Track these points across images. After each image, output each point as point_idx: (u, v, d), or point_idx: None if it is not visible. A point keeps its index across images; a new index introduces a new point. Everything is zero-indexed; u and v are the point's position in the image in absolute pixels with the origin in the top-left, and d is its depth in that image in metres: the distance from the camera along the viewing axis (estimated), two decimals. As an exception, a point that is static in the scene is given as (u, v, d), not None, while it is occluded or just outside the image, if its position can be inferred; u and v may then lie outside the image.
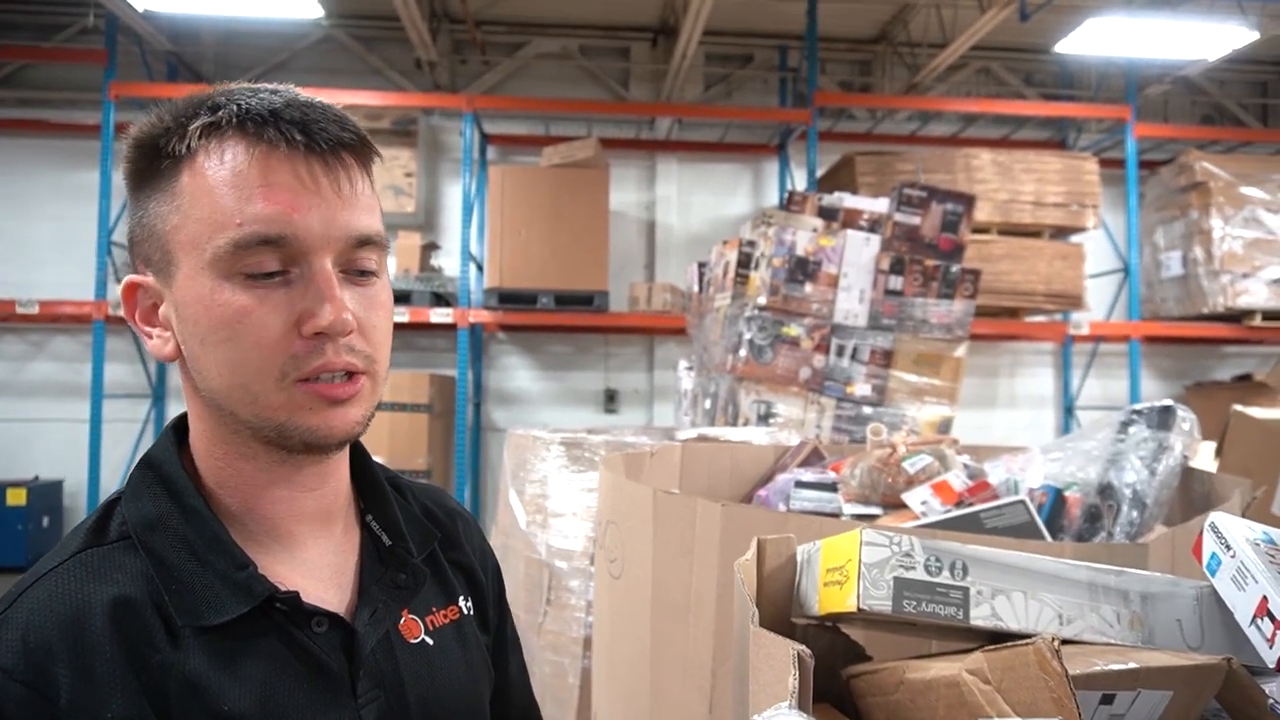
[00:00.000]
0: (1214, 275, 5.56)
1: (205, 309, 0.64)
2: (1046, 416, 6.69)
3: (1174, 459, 1.36)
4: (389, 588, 0.74)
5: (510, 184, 5.35)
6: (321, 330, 0.64)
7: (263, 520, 0.70)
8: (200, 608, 0.64)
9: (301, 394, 0.65)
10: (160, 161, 0.66)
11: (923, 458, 1.58)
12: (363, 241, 0.67)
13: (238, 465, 0.69)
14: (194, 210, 0.64)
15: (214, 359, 0.65)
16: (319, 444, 0.67)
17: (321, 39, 6.11)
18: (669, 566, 1.09)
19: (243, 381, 0.64)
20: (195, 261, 0.64)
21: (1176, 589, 0.66)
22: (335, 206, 0.66)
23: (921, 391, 3.12)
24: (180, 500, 0.67)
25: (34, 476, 5.82)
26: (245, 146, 0.64)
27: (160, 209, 0.66)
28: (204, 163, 0.65)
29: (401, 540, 0.77)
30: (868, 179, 5.30)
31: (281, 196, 0.64)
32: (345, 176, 0.67)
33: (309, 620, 0.67)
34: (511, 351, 6.38)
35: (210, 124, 0.65)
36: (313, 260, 0.65)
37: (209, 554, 0.65)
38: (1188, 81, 6.47)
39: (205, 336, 0.65)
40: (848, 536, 0.65)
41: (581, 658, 2.08)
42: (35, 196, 5.84)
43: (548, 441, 2.24)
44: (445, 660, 0.76)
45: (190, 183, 0.65)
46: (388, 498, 0.79)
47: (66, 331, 5.97)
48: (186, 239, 0.65)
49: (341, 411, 0.66)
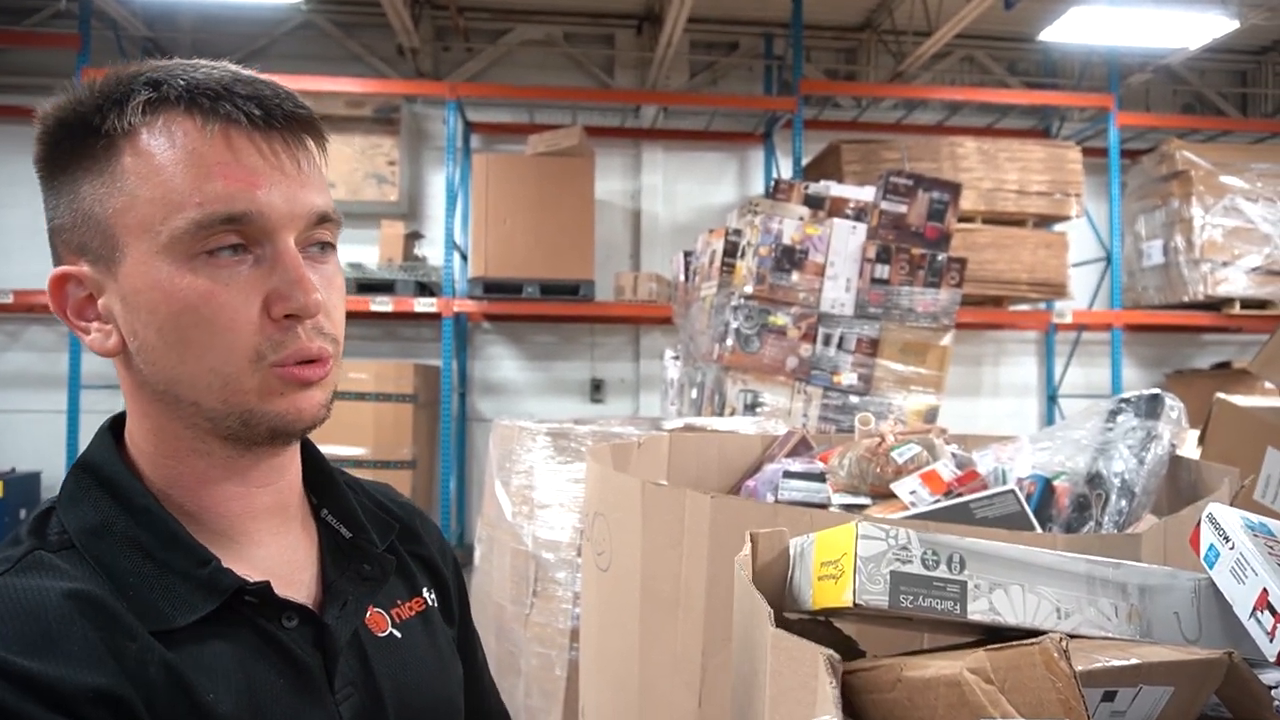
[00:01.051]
0: (1194, 264, 5.60)
1: (164, 295, 0.60)
2: (1030, 405, 6.73)
3: (1162, 448, 1.36)
4: (355, 580, 0.72)
5: (494, 172, 5.31)
6: (294, 313, 0.62)
7: (217, 519, 0.66)
8: (164, 610, 0.60)
9: (274, 377, 0.62)
10: (93, 140, 0.61)
11: (911, 447, 1.57)
12: (322, 217, 0.65)
13: (190, 462, 0.65)
14: (143, 190, 0.60)
15: (176, 346, 0.61)
16: (286, 430, 0.64)
17: (301, 24, 6.02)
18: (658, 559, 1.07)
19: (212, 366, 0.61)
20: (148, 245, 0.60)
21: (1175, 581, 0.65)
22: (296, 183, 0.63)
23: (908, 380, 3.12)
24: (127, 502, 0.63)
25: (10, 468, 5.73)
26: (197, 123, 0.60)
27: (97, 192, 0.61)
28: (149, 140, 0.60)
29: (363, 532, 0.74)
30: (853, 167, 5.30)
31: (242, 174, 0.60)
32: (304, 156, 0.64)
33: (279, 614, 0.65)
34: (497, 341, 6.34)
35: (153, 99, 0.61)
36: (276, 239, 0.62)
37: (166, 553, 0.62)
38: (1169, 71, 6.50)
39: (164, 324, 0.61)
40: (842, 530, 0.64)
41: (569, 649, 2.06)
42: (7, 184, 5.73)
43: (534, 432, 2.22)
44: (415, 652, 0.74)
45: (134, 162, 0.60)
46: (341, 490, 0.76)
47: (42, 321, 5.88)
48: (135, 222, 0.60)
49: (309, 395, 0.64)
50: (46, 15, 5.63)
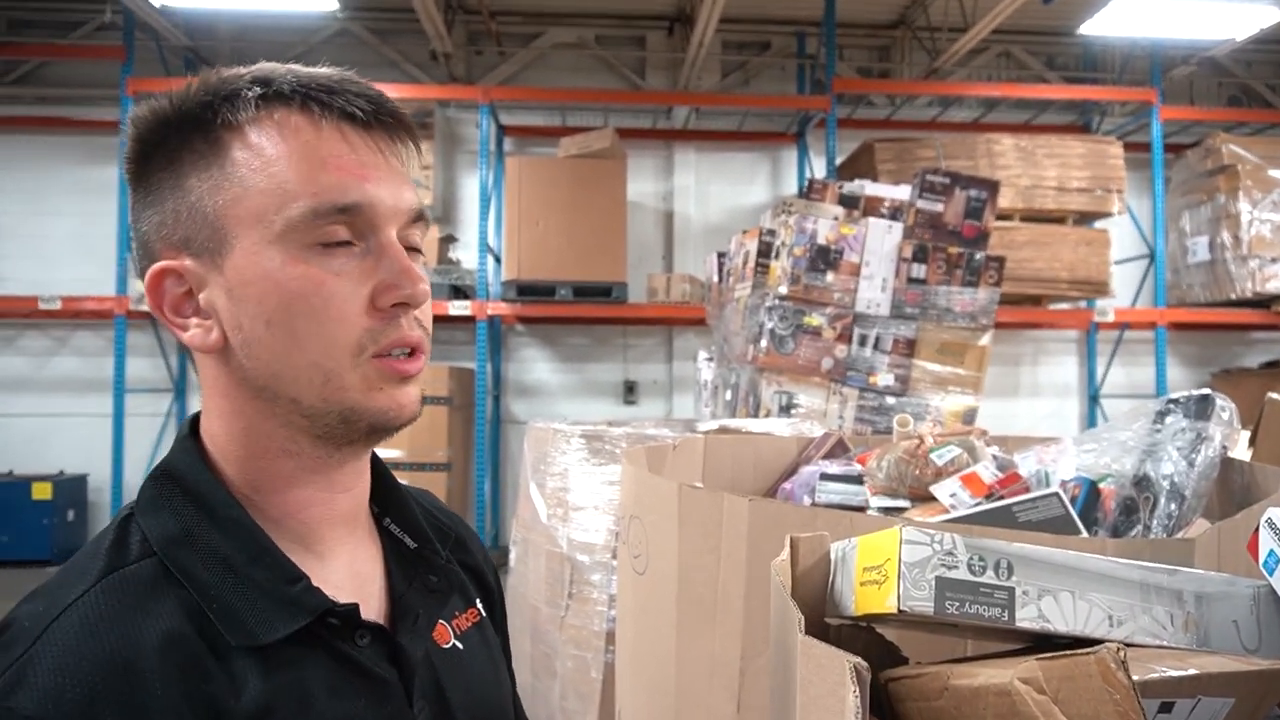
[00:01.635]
0: (1242, 260, 5.45)
1: (275, 284, 0.60)
2: (1070, 405, 6.60)
3: (1213, 449, 1.32)
4: (423, 593, 0.71)
5: (527, 175, 5.33)
6: (403, 300, 0.63)
7: (298, 525, 0.66)
8: (248, 626, 0.59)
9: (375, 371, 0.63)
10: (202, 135, 0.62)
11: (951, 449, 1.55)
12: (418, 215, 0.67)
13: (279, 464, 0.64)
14: (256, 181, 0.60)
15: (282, 338, 0.61)
16: (386, 425, 0.64)
17: (337, 32, 6.10)
18: (695, 563, 1.07)
19: (315, 359, 0.61)
20: (260, 235, 0.60)
21: (1233, 588, 0.63)
22: (399, 180, 0.65)
23: (945, 381, 3.08)
24: (212, 512, 0.62)
25: (59, 471, 5.88)
26: (310, 118, 0.62)
27: (204, 185, 0.61)
28: (261, 134, 0.61)
29: (428, 543, 0.74)
30: (888, 166, 5.24)
31: (355, 166, 0.62)
32: (404, 153, 0.66)
33: (353, 633, 0.63)
34: (530, 344, 6.37)
35: (266, 94, 0.62)
36: (381, 232, 0.63)
37: (252, 568, 0.61)
38: (1214, 63, 6.34)
39: (273, 315, 0.61)
40: (886, 534, 0.62)
41: (604, 652, 2.06)
42: (54, 193, 5.88)
43: (568, 434, 2.23)
44: (476, 663, 0.74)
45: (246, 155, 0.61)
46: (405, 500, 0.75)
47: (88, 327, 6.02)
48: (247, 212, 0.60)
49: (408, 390, 0.65)
50: (91, 28, 5.77)
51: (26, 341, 6.07)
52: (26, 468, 5.83)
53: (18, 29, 5.98)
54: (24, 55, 5.90)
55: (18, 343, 6.06)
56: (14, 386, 6.04)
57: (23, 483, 5.56)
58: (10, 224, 5.97)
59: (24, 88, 5.98)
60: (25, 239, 5.95)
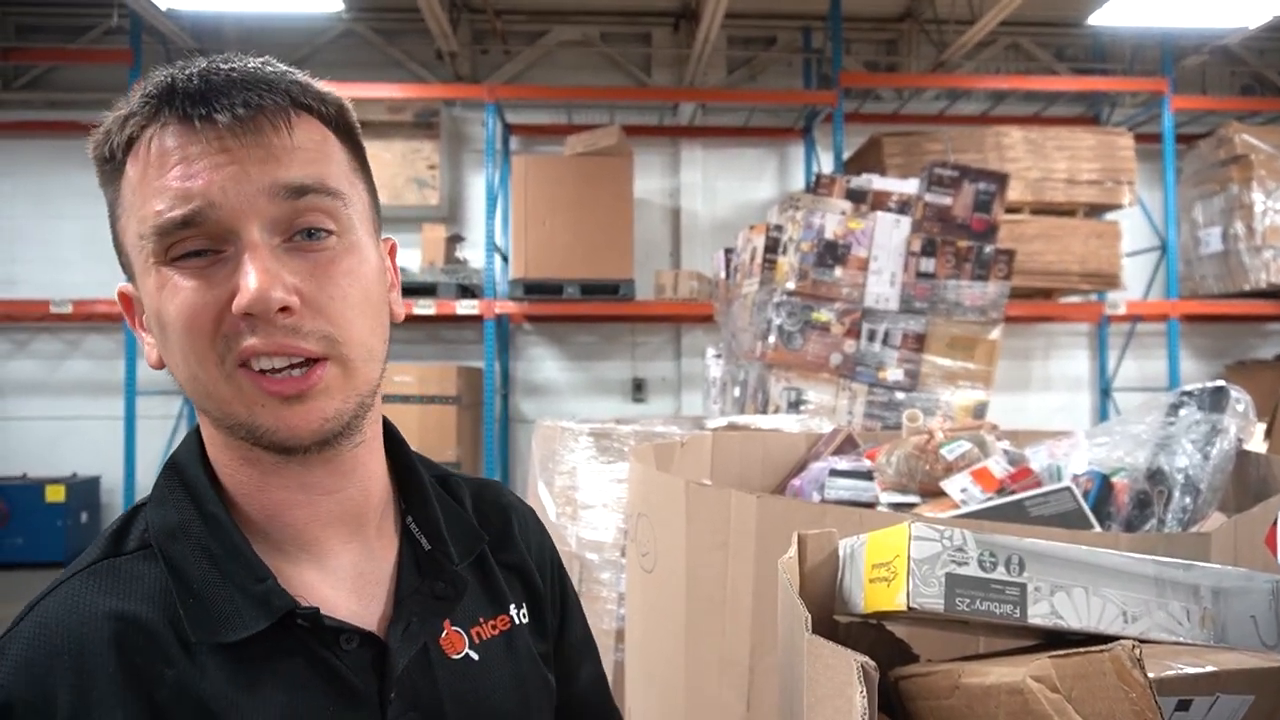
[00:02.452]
0: (1255, 251, 5.40)
1: (154, 304, 0.61)
2: (1082, 399, 6.56)
3: (1228, 442, 1.30)
4: (426, 598, 0.68)
5: (534, 174, 5.33)
6: (245, 310, 0.57)
7: (285, 527, 0.65)
8: (217, 623, 0.60)
9: (248, 385, 0.59)
10: (106, 167, 0.63)
11: (961, 444, 1.53)
12: (297, 191, 0.59)
13: (245, 470, 0.64)
14: (132, 209, 0.61)
15: (174, 355, 0.61)
16: (287, 445, 0.60)
17: (342, 33, 6.10)
18: (703, 560, 1.06)
19: (193, 372, 0.60)
20: (142, 260, 0.61)
21: (1251, 583, 0.62)
22: (247, 170, 0.59)
23: (955, 376, 3.06)
24: (201, 507, 0.63)
25: (72, 473, 5.91)
26: (154, 129, 0.60)
27: (114, 214, 0.64)
28: (131, 160, 0.61)
29: (441, 544, 0.70)
30: (896, 160, 5.21)
31: (189, 173, 0.58)
32: (255, 140, 0.59)
33: (336, 637, 0.62)
34: (538, 342, 6.37)
35: (132, 114, 0.61)
36: (239, 232, 0.59)
37: (229, 564, 0.61)
38: (1226, 51, 6.27)
39: (160, 331, 0.62)
40: (895, 530, 0.61)
41: (614, 650, 2.05)
42: (64, 197, 5.91)
43: (576, 432, 2.22)
44: (492, 677, 0.70)
45: (126, 184, 0.62)
46: (428, 497, 0.72)
47: (100, 330, 6.05)
48: (132, 240, 0.62)
49: (301, 409, 0.59)
50: (99, 33, 5.79)
51: (39, 345, 6.10)
52: (40, 470, 5.87)
53: (26, 34, 6.01)
54: (32, 60, 5.93)
55: (30, 346, 6.10)
56: (28, 390, 6.08)
57: (36, 485, 5.60)
58: (22, 228, 6.00)
59: (33, 92, 6.01)
60: (36, 243, 5.99)
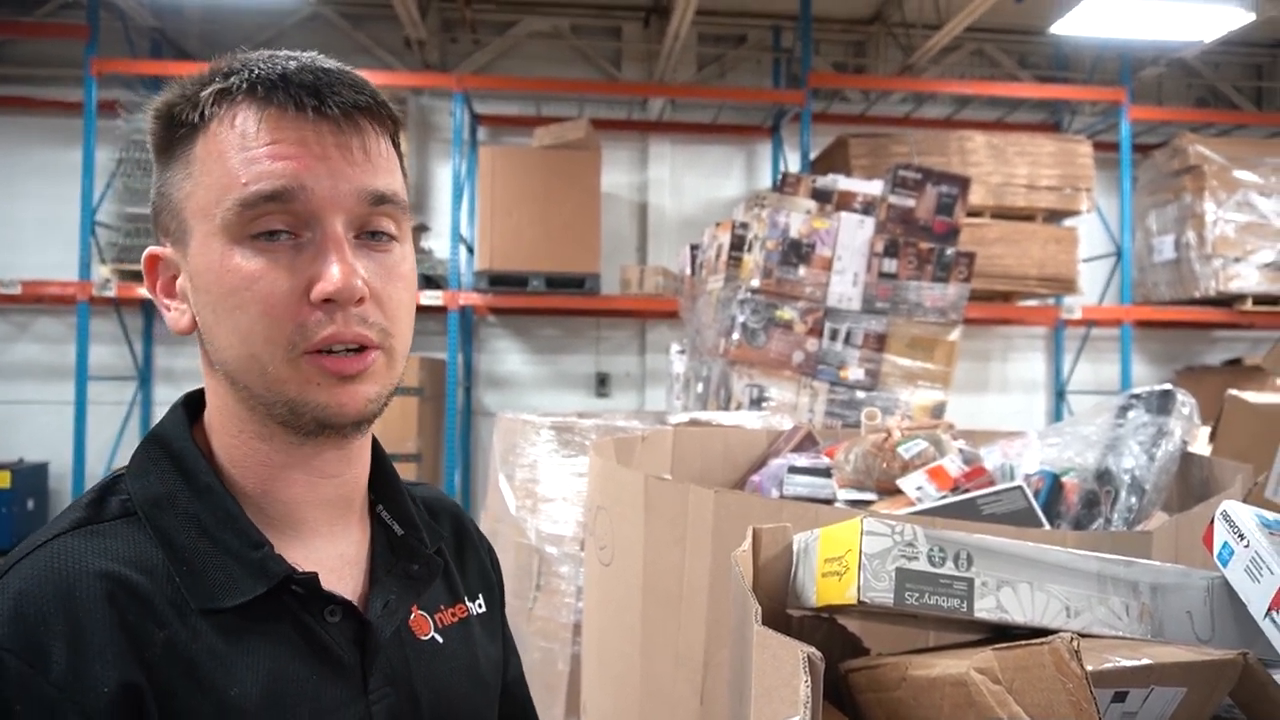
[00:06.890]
0: (1206, 259, 5.55)
1: (216, 276, 0.62)
2: (1038, 401, 6.69)
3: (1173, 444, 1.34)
4: (401, 578, 0.72)
5: (501, 165, 5.29)
6: (329, 296, 0.61)
7: (278, 504, 0.67)
8: (213, 589, 0.61)
9: (310, 368, 0.62)
10: (176, 131, 0.65)
11: (918, 443, 1.56)
12: (378, 199, 0.65)
13: (254, 445, 0.66)
14: (205, 177, 0.63)
15: (225, 328, 0.63)
16: (331, 422, 0.64)
17: (309, 17, 6.00)
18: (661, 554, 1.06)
19: (252, 351, 0.62)
20: (207, 228, 0.63)
21: (1187, 580, 0.64)
22: (346, 165, 0.63)
23: (915, 376, 3.10)
24: (191, 478, 0.65)
25: (19, 459, 5.75)
26: (255, 110, 0.63)
27: (175, 178, 0.65)
28: (216, 129, 0.63)
29: (415, 530, 0.74)
30: (861, 161, 5.26)
31: (287, 154, 0.62)
32: (358, 141, 0.64)
33: (323, 608, 0.65)
34: (502, 335, 6.33)
35: (222, 90, 0.63)
36: (323, 221, 0.63)
37: (221, 533, 0.63)
38: (1183, 64, 6.43)
39: (217, 305, 0.63)
40: (847, 526, 0.62)
41: (571, 644, 2.06)
42: (18, 175, 5.73)
43: (538, 426, 2.21)
44: (453, 661, 0.74)
45: (203, 150, 0.63)
46: (400, 488, 0.76)
47: (51, 313, 5.89)
48: (198, 206, 0.63)
49: (352, 388, 0.63)
50: (55, 6, 5.63)
51: (-14, 327, 5.93)
52: (-15, 456, 5.71)
53: (-22, 6, 5.83)
54: (-16, 33, 5.75)
55: (-24, 328, 5.93)
56: (-28, 373, 5.90)
57: (-19, 471, 5.44)
58: (-30, 206, 5.83)
59: (-16, 67, 5.83)
60: (-13, 222, 5.81)
